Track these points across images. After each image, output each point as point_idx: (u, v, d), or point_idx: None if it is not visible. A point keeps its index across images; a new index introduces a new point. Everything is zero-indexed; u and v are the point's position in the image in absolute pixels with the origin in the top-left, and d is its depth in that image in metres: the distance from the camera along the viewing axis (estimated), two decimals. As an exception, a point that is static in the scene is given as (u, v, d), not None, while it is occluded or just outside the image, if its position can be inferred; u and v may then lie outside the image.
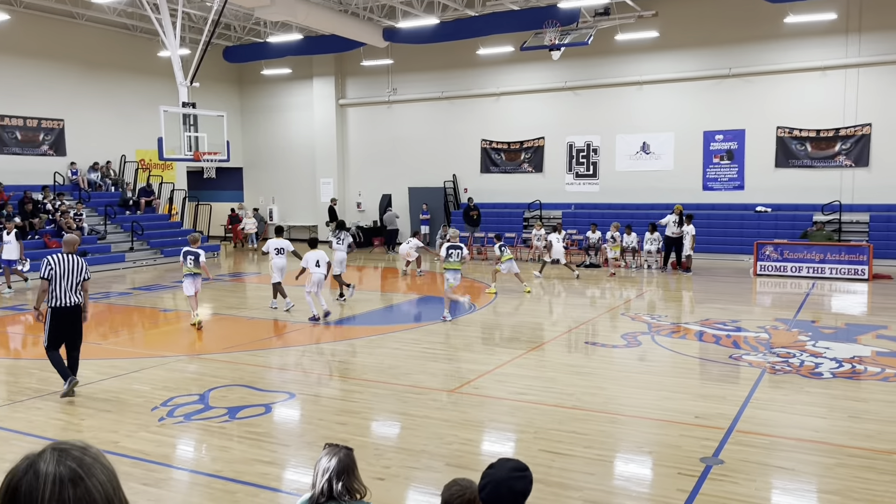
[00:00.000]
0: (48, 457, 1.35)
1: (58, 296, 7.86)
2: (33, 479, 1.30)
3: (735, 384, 8.38)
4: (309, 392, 8.23)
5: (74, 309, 8.01)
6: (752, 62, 20.72)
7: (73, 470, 1.33)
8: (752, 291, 15.79)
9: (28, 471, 1.32)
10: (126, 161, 24.21)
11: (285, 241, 13.84)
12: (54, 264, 7.83)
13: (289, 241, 14.02)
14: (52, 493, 1.29)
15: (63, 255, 7.98)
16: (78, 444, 1.44)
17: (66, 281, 7.87)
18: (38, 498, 1.29)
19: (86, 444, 1.45)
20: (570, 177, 23.69)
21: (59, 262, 7.86)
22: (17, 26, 20.56)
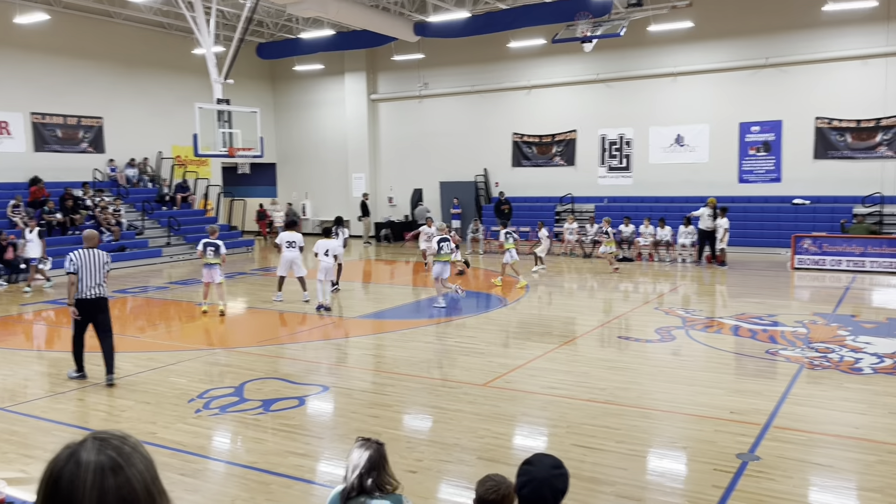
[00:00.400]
0: (89, 446, 1.38)
1: (81, 289, 8.20)
2: (74, 468, 1.33)
3: (772, 379, 8.25)
4: (342, 385, 8.30)
5: (98, 301, 8.34)
6: (789, 51, 20.31)
7: (113, 459, 1.36)
8: (789, 285, 15.51)
9: (69, 460, 1.35)
10: (162, 157, 24.61)
11: (297, 235, 13.99)
12: (77, 259, 8.18)
13: (301, 236, 14.18)
14: (93, 481, 1.32)
15: (85, 250, 8.31)
16: (117, 433, 1.47)
17: (89, 274, 8.23)
18: (79, 486, 1.31)
19: (125, 433, 1.48)
20: (602, 170, 23.48)
21: (81, 256, 8.21)
22: (56, 26, 20.99)
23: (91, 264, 8.25)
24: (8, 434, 6.76)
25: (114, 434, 1.45)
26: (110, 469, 1.34)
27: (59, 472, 1.34)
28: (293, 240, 13.73)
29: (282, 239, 13.86)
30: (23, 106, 20.79)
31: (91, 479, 1.32)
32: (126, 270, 19.09)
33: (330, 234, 13.71)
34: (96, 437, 1.41)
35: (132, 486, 1.35)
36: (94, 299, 8.29)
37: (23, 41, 20.55)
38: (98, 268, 8.31)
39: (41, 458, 6.14)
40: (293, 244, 13.71)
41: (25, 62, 20.76)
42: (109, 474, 1.34)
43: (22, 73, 20.71)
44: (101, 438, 1.41)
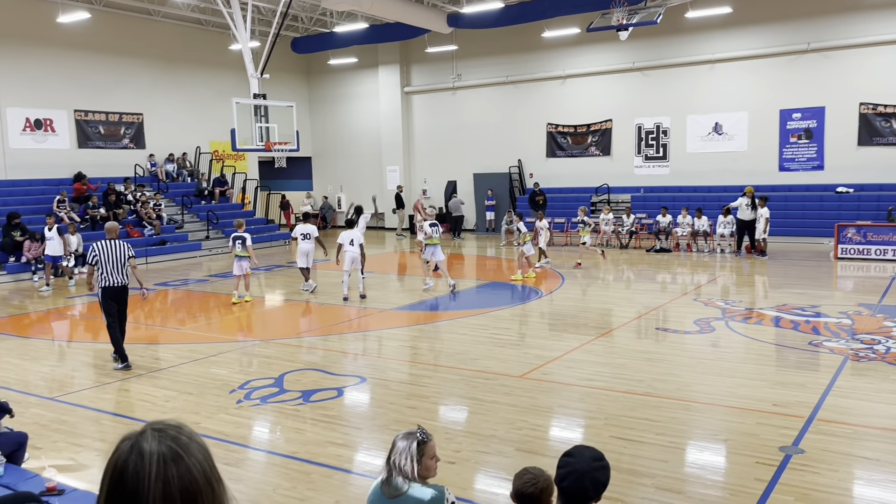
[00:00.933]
0: (149, 437, 1.41)
1: (105, 277, 8.72)
2: (139, 459, 1.37)
3: (815, 371, 8.10)
4: (379, 376, 8.37)
5: (121, 288, 8.89)
6: (831, 36, 19.80)
7: (173, 449, 1.39)
8: (832, 276, 15.18)
9: (132, 451, 1.39)
10: (201, 152, 24.99)
11: (311, 227, 14.34)
12: (98, 250, 8.70)
13: (315, 227, 14.55)
14: (157, 472, 1.35)
15: (106, 241, 8.81)
16: (172, 423, 1.50)
17: (112, 264, 8.72)
18: (144, 478, 1.35)
19: (179, 423, 1.51)
20: (639, 159, 23.22)
21: (102, 247, 8.71)
22: (97, 25, 21.42)
23: (113, 255, 8.74)
24: (58, 423, 6.95)
25: (170, 424, 1.49)
26: (172, 459, 1.38)
27: (123, 463, 1.37)
28: (307, 232, 14.10)
29: (297, 231, 14.27)
30: (66, 104, 21.29)
31: (155, 470, 1.36)
32: (167, 264, 19.46)
33: (353, 224, 13.97)
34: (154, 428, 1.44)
35: (193, 475, 1.38)
36: (118, 287, 8.83)
37: (65, 40, 21.02)
38: (120, 257, 8.79)
39: (89, 447, 6.31)
40: (308, 236, 14.08)
41: (68, 61, 21.23)
42: (171, 464, 1.37)
43: (65, 71, 21.19)
44: (158, 429, 1.44)
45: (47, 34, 20.56)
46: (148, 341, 10.64)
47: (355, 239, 13.25)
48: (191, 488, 1.37)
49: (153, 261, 19.55)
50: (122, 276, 8.81)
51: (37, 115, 20.61)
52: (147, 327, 11.86)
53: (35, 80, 20.48)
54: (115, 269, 8.74)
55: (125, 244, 8.92)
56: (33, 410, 7.31)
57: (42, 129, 20.75)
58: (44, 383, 8.50)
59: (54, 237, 15.77)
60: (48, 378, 8.77)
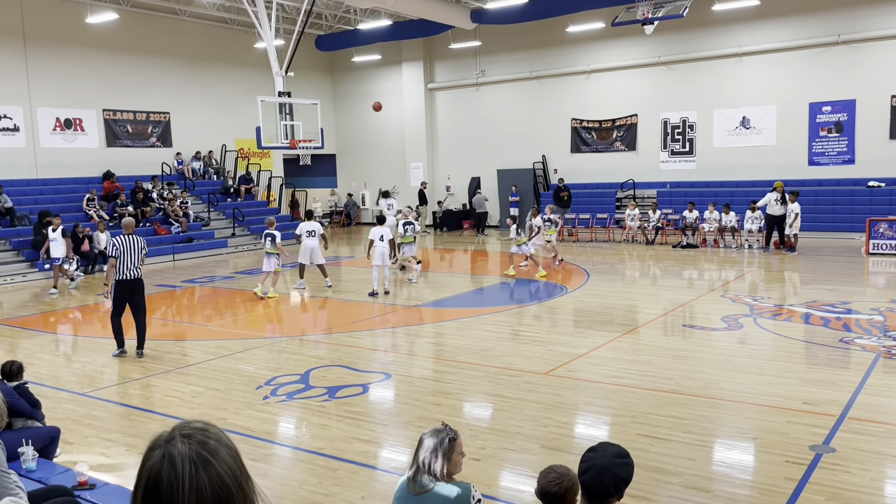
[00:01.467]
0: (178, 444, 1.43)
1: (121, 270, 9.19)
2: (171, 470, 1.40)
3: (846, 369, 7.97)
4: (404, 373, 8.38)
5: (135, 281, 9.32)
6: (862, 27, 19.43)
7: (202, 455, 1.42)
8: (863, 271, 14.91)
9: (164, 461, 1.41)
10: (226, 150, 25.22)
11: (316, 224, 14.61)
12: (119, 244, 9.19)
13: (320, 224, 14.89)
14: (190, 481, 1.38)
15: (125, 236, 9.30)
16: (199, 425, 1.51)
17: (128, 258, 9.20)
18: (178, 488, 1.38)
19: (206, 424, 1.52)
20: (664, 154, 23.00)
21: (122, 242, 9.20)
22: (125, 25, 21.69)
23: (130, 249, 9.22)
24: (89, 419, 7.06)
25: (197, 427, 1.50)
26: (202, 466, 1.40)
27: (156, 475, 1.40)
28: (312, 229, 14.37)
29: (301, 229, 14.49)
30: (95, 103, 21.60)
31: (188, 480, 1.38)
32: (193, 261, 19.67)
33: (383, 220, 14.12)
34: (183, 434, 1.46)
35: (223, 480, 1.41)
36: (132, 280, 9.28)
37: (94, 40, 21.32)
38: (136, 252, 9.26)
39: (119, 442, 6.40)
40: (312, 233, 14.33)
41: (96, 61, 21.53)
42: (202, 471, 1.40)
43: (93, 71, 21.49)
44: (187, 434, 1.46)
45: (76, 35, 20.87)
46: (176, 337, 10.76)
47: (385, 235, 13.41)
48: (223, 493, 1.40)
49: (180, 258, 19.78)
50: (136, 270, 9.29)
51: (67, 115, 20.94)
52: (175, 324, 12.00)
53: (65, 81, 20.80)
54: (132, 263, 9.23)
55: (141, 239, 9.41)
56: (65, 406, 7.43)
57: (72, 129, 21.08)
58: (75, 379, 8.65)
59: (58, 238, 15.37)
60: (79, 374, 8.91)
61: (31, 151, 20.19)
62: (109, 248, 9.35)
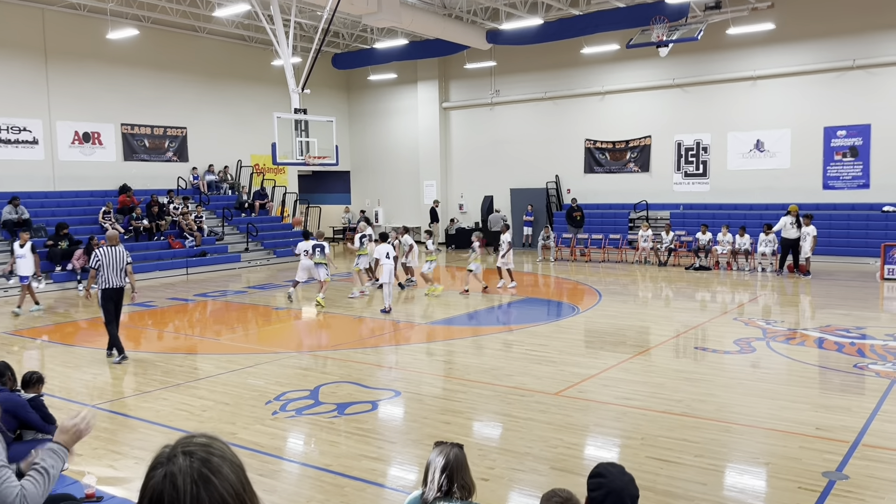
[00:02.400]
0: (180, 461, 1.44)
1: (105, 279, 9.76)
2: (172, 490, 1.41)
3: (860, 395, 7.87)
4: (414, 390, 8.36)
5: (119, 290, 9.93)
6: (878, 53, 19.40)
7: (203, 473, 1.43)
8: (878, 297, 14.77)
9: (165, 479, 1.43)
10: (242, 166, 25.42)
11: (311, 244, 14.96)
12: (101, 256, 9.74)
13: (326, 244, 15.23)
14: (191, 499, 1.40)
15: (108, 248, 9.84)
16: (203, 440, 1.51)
17: (111, 268, 9.77)
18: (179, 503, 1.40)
19: (210, 440, 1.52)
20: (678, 176, 22.96)
21: (105, 254, 9.75)
22: (145, 41, 22.00)
23: (113, 260, 9.78)
24: (97, 431, 7.07)
25: (200, 442, 1.50)
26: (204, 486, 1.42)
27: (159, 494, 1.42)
28: (309, 249, 14.72)
29: (300, 248, 14.86)
30: (113, 117, 21.88)
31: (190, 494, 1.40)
32: (206, 275, 19.77)
33: (387, 238, 14.30)
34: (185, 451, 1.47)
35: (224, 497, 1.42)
36: (116, 288, 9.87)
37: (113, 55, 21.63)
38: (118, 263, 9.81)
39: (128, 455, 6.41)
40: (309, 252, 14.68)
41: (116, 75, 21.83)
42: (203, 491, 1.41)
43: (113, 85, 21.79)
44: (189, 451, 1.46)
45: (97, 50, 21.18)
46: (187, 351, 10.80)
47: (390, 252, 13.50)
48: None
49: (193, 272, 19.90)
50: (119, 279, 9.86)
51: (85, 129, 21.20)
52: (186, 337, 12.05)
53: (84, 95, 21.10)
54: (114, 273, 9.80)
55: (124, 251, 10.00)
56: (75, 417, 7.45)
57: (90, 142, 21.33)
58: (85, 390, 8.68)
59: (26, 254, 14.00)
60: (90, 385, 8.95)
61: (50, 164, 20.44)
62: (92, 260, 9.87)
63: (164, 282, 18.57)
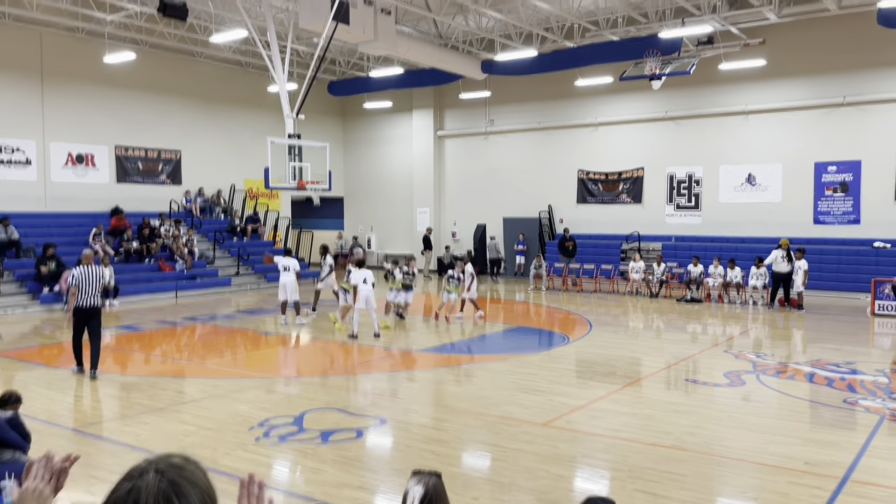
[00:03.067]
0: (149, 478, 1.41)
1: (80, 298, 9.90)
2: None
3: (850, 430, 7.81)
4: (400, 418, 8.26)
5: (93, 309, 10.04)
6: (868, 90, 19.64)
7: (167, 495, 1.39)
8: (869, 332, 14.77)
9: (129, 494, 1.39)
10: (235, 190, 25.42)
11: (292, 261, 15.05)
12: (78, 275, 9.94)
13: (295, 261, 15.20)
14: None
15: (84, 267, 10.02)
16: (178, 462, 1.47)
17: (87, 287, 9.93)
18: None
19: (186, 463, 1.48)
20: (670, 208, 23.05)
21: (81, 273, 9.94)
22: (142, 64, 22.10)
23: (88, 279, 9.94)
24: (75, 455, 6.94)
25: (174, 463, 1.46)
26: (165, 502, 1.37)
27: None
28: (287, 265, 14.82)
29: (278, 262, 15.07)
30: (108, 139, 21.89)
31: None
32: (196, 299, 19.64)
33: (363, 264, 14.03)
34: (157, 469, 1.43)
35: None
36: (89, 308, 10.00)
37: (110, 78, 21.71)
38: (93, 282, 9.98)
39: (106, 480, 6.28)
40: (287, 269, 14.82)
41: (112, 98, 21.89)
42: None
43: (108, 108, 21.84)
44: (161, 469, 1.43)
45: (94, 72, 21.26)
46: (172, 375, 10.67)
47: (368, 278, 13.31)
48: None
49: (183, 295, 19.77)
50: (94, 299, 10.01)
51: (79, 150, 21.20)
52: (173, 361, 11.92)
53: (79, 116, 21.13)
54: (90, 292, 9.95)
55: (100, 270, 10.23)
56: (54, 440, 7.32)
57: (83, 164, 21.31)
58: (67, 413, 8.55)
59: None
60: (72, 409, 8.82)
61: (42, 185, 20.39)
62: (70, 279, 10.14)
63: (153, 305, 18.43)
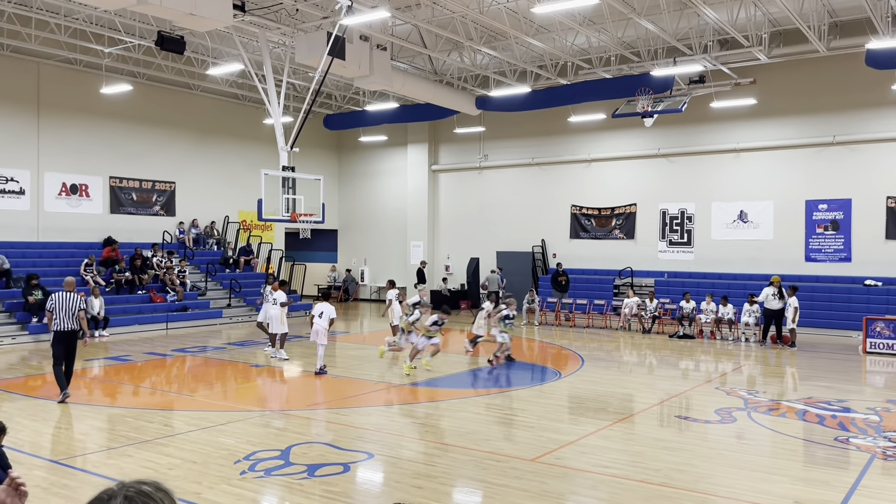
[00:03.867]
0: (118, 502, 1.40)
1: (58, 322, 10.34)
2: None
3: (841, 469, 7.75)
4: (388, 453, 8.17)
5: (70, 333, 10.45)
6: (857, 130, 19.91)
7: None
8: (860, 370, 14.74)
9: None
10: (229, 221, 25.44)
11: (279, 293, 15.13)
12: (54, 300, 10.38)
13: (282, 293, 15.21)
14: None
15: (63, 293, 10.44)
16: (148, 490, 1.46)
17: (64, 312, 10.34)
18: None
19: (156, 491, 1.47)
20: (663, 244, 23.15)
21: (59, 298, 10.37)
22: (138, 96, 22.29)
23: (66, 305, 10.35)
24: (58, 487, 6.85)
25: (143, 490, 1.45)
26: None
27: None
28: (275, 297, 15.01)
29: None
30: (102, 170, 21.96)
31: None
32: (187, 330, 19.53)
33: (328, 297, 13.96)
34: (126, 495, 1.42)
35: None
36: (66, 332, 10.40)
37: (106, 110, 21.86)
38: (72, 307, 10.36)
39: (87, 513, 6.18)
40: (275, 301, 15.00)
41: (107, 129, 22.02)
42: None
43: (104, 139, 21.95)
44: (128, 496, 1.42)
45: (90, 104, 21.42)
46: (161, 407, 10.56)
47: (326, 312, 13.23)
48: None
49: (173, 327, 19.66)
50: (71, 323, 10.37)
51: (73, 181, 21.24)
52: (161, 393, 11.80)
53: (74, 147, 21.22)
54: (67, 317, 10.33)
55: (78, 297, 10.53)
56: (36, 473, 7.22)
57: (77, 194, 21.34)
58: (51, 445, 8.44)
59: None
60: (56, 441, 8.71)
61: (35, 215, 20.38)
62: (47, 304, 10.58)
63: (143, 336, 18.32)
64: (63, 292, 10.46)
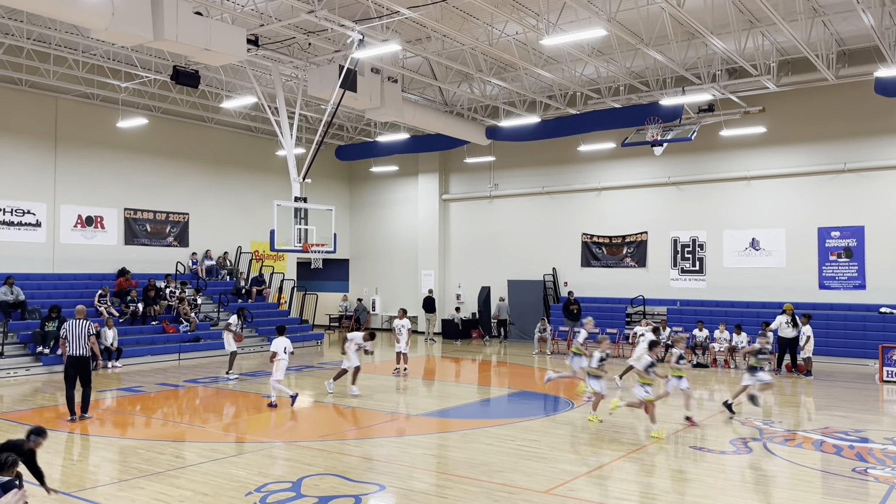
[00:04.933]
0: None
1: (70, 348, 11.20)
2: None
3: (859, 500, 7.63)
4: (400, 485, 8.12)
5: (82, 358, 11.27)
6: (868, 157, 19.88)
7: None
8: (878, 399, 14.55)
9: None
10: (241, 252, 25.61)
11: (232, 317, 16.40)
12: (67, 327, 11.29)
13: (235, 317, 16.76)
14: None
15: (75, 320, 11.34)
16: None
17: (76, 338, 11.21)
18: None
19: None
20: (675, 272, 23.07)
21: (69, 326, 11.29)
22: (153, 129, 22.63)
23: (78, 331, 11.22)
24: None
25: None
26: None
27: None
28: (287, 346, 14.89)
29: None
30: (117, 202, 22.22)
31: None
32: (199, 360, 19.57)
33: (283, 331, 13.79)
34: None
35: None
36: (78, 357, 11.24)
37: (122, 142, 22.20)
38: (83, 334, 11.21)
39: (99, 546, 6.16)
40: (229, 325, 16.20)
41: (123, 162, 22.34)
42: None
43: (119, 171, 22.25)
44: None
45: (105, 137, 21.76)
46: (173, 438, 10.56)
47: (288, 347, 13.23)
48: None
49: (186, 357, 19.71)
50: (83, 349, 11.21)
51: (88, 213, 21.49)
52: (174, 424, 11.81)
53: (90, 179, 21.52)
54: (78, 344, 11.17)
55: (90, 324, 11.36)
56: (48, 505, 7.22)
57: (92, 226, 21.58)
58: (63, 477, 8.44)
59: None
60: (68, 472, 8.72)
61: (50, 247, 20.61)
62: (61, 331, 11.47)
63: (156, 366, 18.36)
64: (75, 320, 11.37)
